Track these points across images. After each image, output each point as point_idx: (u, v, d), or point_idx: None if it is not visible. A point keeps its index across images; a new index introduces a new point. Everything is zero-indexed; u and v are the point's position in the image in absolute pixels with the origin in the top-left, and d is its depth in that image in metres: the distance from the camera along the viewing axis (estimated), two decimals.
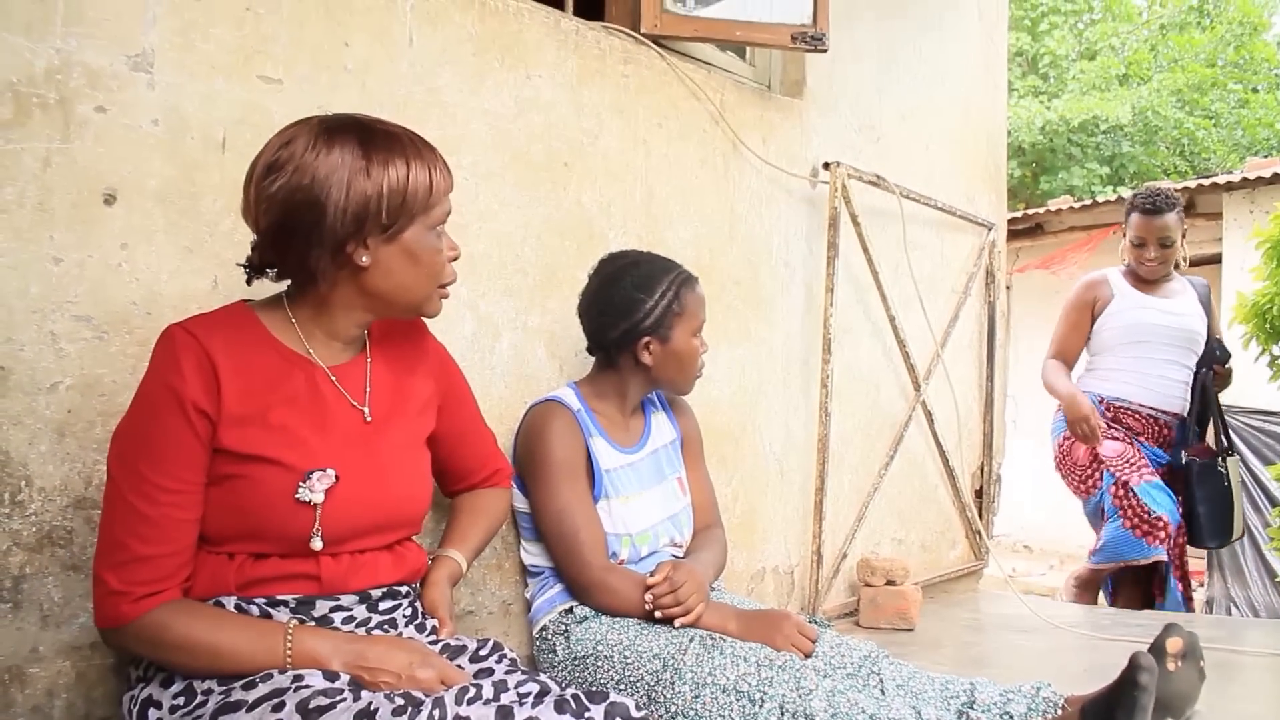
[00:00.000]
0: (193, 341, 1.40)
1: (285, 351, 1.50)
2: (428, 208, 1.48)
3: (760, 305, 2.99)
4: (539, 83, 2.35)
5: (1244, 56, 16.79)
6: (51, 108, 1.58)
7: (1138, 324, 3.88)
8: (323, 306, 1.52)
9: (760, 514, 2.98)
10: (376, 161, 1.42)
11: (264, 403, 1.44)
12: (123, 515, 1.37)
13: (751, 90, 2.99)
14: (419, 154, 1.48)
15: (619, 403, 2.25)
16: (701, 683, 1.78)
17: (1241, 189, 8.04)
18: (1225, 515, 3.70)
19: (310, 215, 1.40)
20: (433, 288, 1.54)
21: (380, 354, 1.64)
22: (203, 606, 1.41)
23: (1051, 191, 14.35)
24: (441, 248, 1.53)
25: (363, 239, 1.44)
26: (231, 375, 1.41)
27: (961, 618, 3.39)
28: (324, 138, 1.42)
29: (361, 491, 1.50)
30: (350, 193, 1.40)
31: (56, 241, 1.59)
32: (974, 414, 4.01)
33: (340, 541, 1.48)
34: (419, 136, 1.52)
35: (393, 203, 1.43)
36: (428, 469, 1.69)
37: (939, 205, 3.61)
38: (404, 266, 1.49)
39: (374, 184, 1.41)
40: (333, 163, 1.40)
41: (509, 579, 2.26)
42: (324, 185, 1.39)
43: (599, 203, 2.49)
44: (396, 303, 1.53)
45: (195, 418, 1.38)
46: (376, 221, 1.43)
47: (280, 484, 1.42)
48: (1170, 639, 1.79)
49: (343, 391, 1.54)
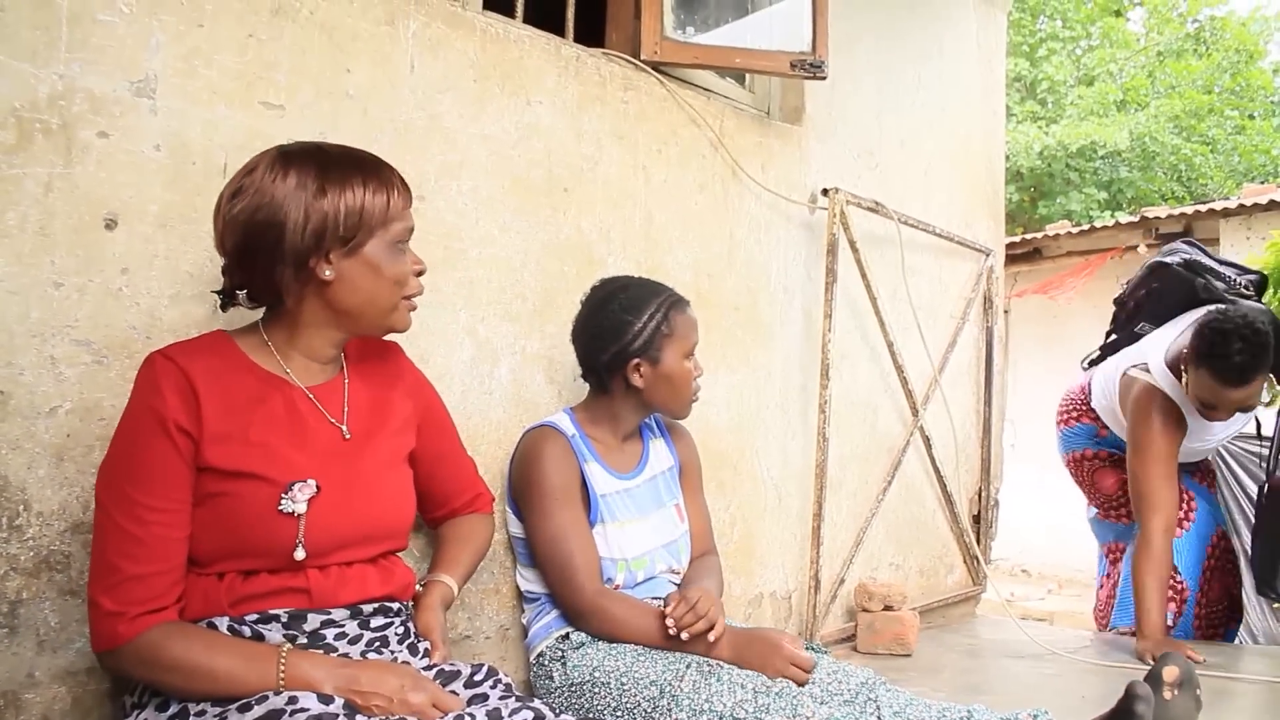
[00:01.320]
0: (171, 366, 1.44)
1: (263, 374, 1.55)
2: (385, 223, 1.53)
3: (759, 330, 2.99)
4: (539, 109, 2.36)
5: (1240, 83, 16.89)
6: (54, 133, 1.59)
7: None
8: (295, 326, 1.57)
9: (758, 539, 2.98)
10: (332, 184, 1.48)
11: (244, 421, 1.48)
12: (113, 538, 1.40)
13: (751, 117, 3.01)
14: (376, 175, 1.54)
15: (613, 428, 2.25)
16: (698, 709, 1.78)
17: (1238, 215, 8.08)
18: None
19: (271, 234, 1.46)
20: (397, 299, 1.58)
21: (357, 374, 1.68)
22: (197, 629, 1.43)
23: (1049, 216, 14.40)
24: (405, 261, 1.57)
25: (324, 253, 1.49)
26: (211, 396, 1.45)
27: (959, 643, 3.38)
28: (282, 164, 1.49)
29: (343, 502, 1.52)
30: (308, 212, 1.46)
31: (57, 266, 1.60)
32: (972, 439, 4.01)
33: (325, 553, 1.50)
34: (378, 159, 1.58)
35: (350, 220, 1.49)
36: (409, 485, 1.71)
37: (937, 231, 3.62)
38: (366, 279, 1.53)
39: (330, 203, 1.47)
40: (289, 186, 1.47)
41: (506, 604, 2.26)
42: (282, 206, 1.46)
43: (598, 228, 2.50)
44: (363, 316, 1.57)
45: (178, 436, 1.42)
46: (335, 236, 1.48)
47: (263, 497, 1.45)
48: (1167, 667, 1.79)
49: (321, 410, 1.58)
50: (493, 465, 2.24)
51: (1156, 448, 3.12)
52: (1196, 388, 3.01)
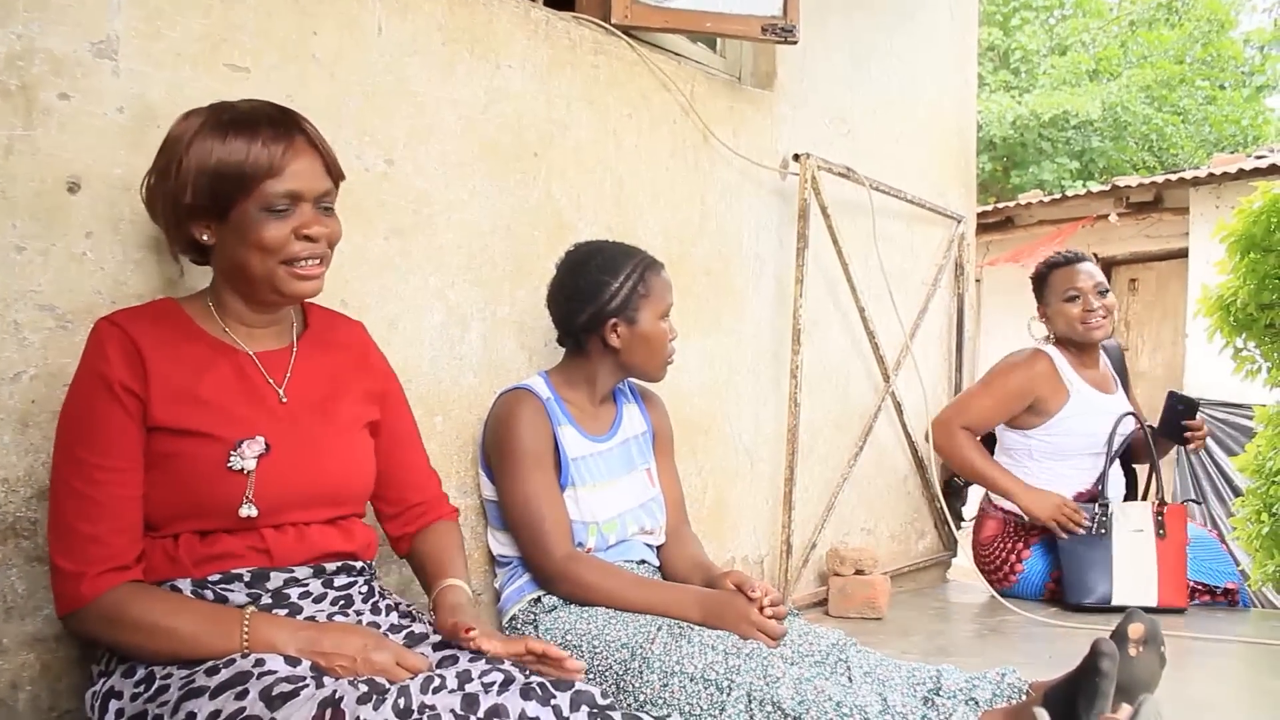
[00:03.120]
0: (116, 330, 1.45)
1: (210, 340, 1.55)
2: (250, 185, 1.46)
3: (730, 296, 3.00)
4: (509, 73, 2.34)
5: (1212, 54, 16.95)
6: (13, 94, 1.57)
7: (1097, 432, 3.39)
8: (217, 289, 1.58)
9: (730, 504, 2.99)
10: (195, 146, 1.46)
11: (192, 382, 1.48)
12: (68, 501, 1.41)
13: (722, 82, 3.00)
14: (247, 130, 1.47)
15: (589, 391, 2.25)
16: (670, 671, 1.79)
17: (1208, 184, 8.14)
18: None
19: (159, 191, 1.51)
20: (273, 266, 1.50)
21: (314, 344, 1.66)
22: (160, 590, 1.44)
23: (1022, 186, 14.44)
24: (282, 226, 1.48)
25: (202, 220, 1.49)
26: (157, 359, 1.45)
27: (930, 607, 3.42)
28: (187, 118, 1.51)
29: (293, 460, 1.52)
30: (178, 174, 1.47)
31: (19, 230, 1.58)
32: (943, 405, 4.03)
33: (276, 510, 1.50)
34: (265, 112, 1.52)
35: (200, 183, 1.46)
36: (368, 452, 1.67)
37: (909, 198, 3.63)
38: (235, 244, 1.50)
39: (187, 166, 1.46)
40: (171, 146, 1.49)
41: (478, 569, 2.26)
42: (166, 165, 1.48)
43: (569, 193, 2.50)
44: (245, 281, 1.53)
45: (125, 397, 1.42)
46: (202, 202, 1.47)
47: (212, 455, 1.45)
48: (1132, 625, 1.80)
49: (263, 371, 1.57)
50: (464, 430, 2.24)
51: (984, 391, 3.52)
52: (1058, 295, 3.47)
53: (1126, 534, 3.24)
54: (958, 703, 1.73)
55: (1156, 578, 3.19)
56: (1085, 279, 3.45)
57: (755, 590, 1.95)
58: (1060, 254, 3.59)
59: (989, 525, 3.60)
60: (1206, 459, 5.77)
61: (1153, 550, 3.21)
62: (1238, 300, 3.72)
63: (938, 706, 1.70)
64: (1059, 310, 3.49)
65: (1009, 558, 3.48)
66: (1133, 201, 8.75)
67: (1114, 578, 3.20)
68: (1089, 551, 3.24)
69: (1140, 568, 3.20)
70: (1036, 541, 3.45)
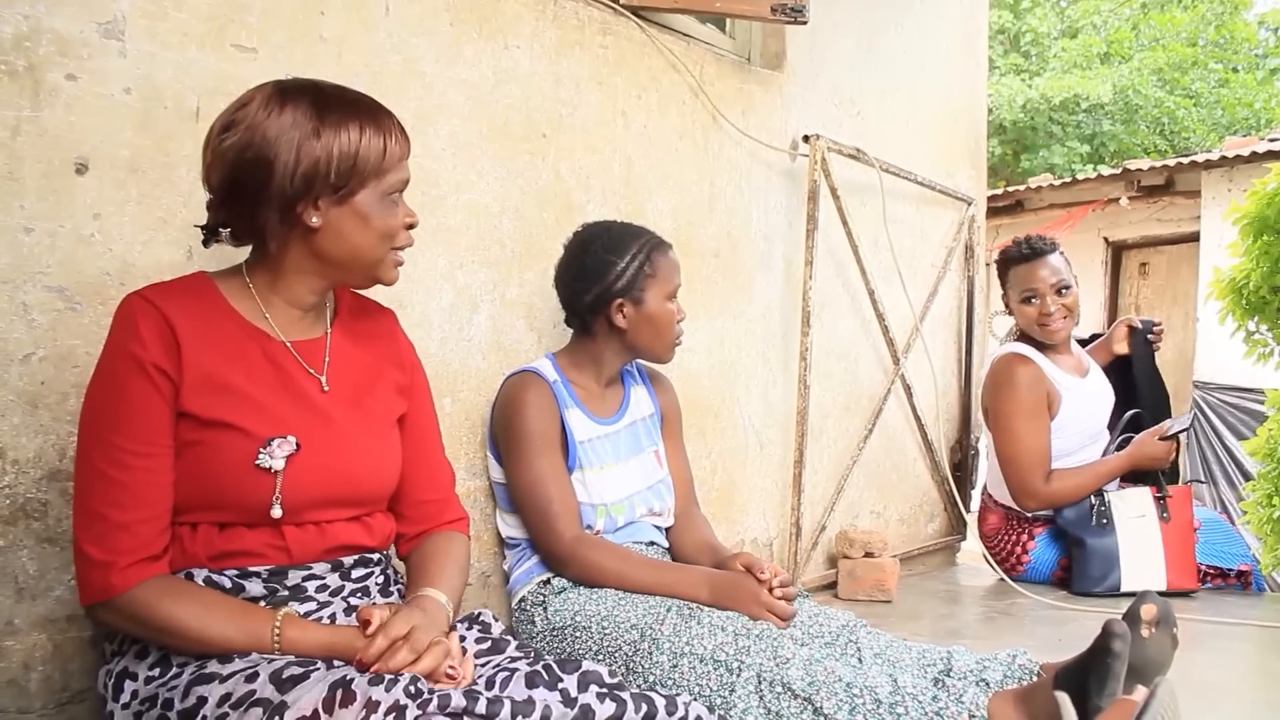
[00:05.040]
0: (150, 308, 1.39)
1: (243, 323, 1.49)
2: (380, 173, 1.47)
3: (739, 278, 2.99)
4: (517, 53, 2.33)
5: (1224, 36, 16.84)
6: (20, 75, 1.56)
7: (1093, 424, 3.45)
8: (278, 271, 1.51)
9: (739, 487, 2.99)
10: (329, 125, 1.42)
11: (224, 369, 1.43)
12: (97, 486, 1.36)
13: (731, 63, 2.98)
14: (374, 119, 1.47)
15: (596, 372, 2.25)
16: (679, 652, 1.79)
17: (1220, 167, 8.09)
18: None
19: (259, 173, 1.40)
20: (385, 252, 1.52)
21: (346, 333, 1.62)
22: (189, 587, 1.40)
23: (1032, 170, 14.38)
24: (397, 214, 1.51)
25: (313, 199, 1.43)
26: (190, 340, 1.40)
27: (939, 590, 3.41)
28: (278, 99, 1.42)
29: (323, 460, 1.47)
30: (300, 153, 1.40)
31: (27, 211, 1.58)
32: (953, 388, 4.03)
33: (301, 510, 1.46)
34: (377, 103, 1.51)
35: (343, 165, 1.42)
36: (395, 447, 1.63)
37: (919, 179, 3.61)
38: (355, 229, 1.47)
39: (324, 146, 1.41)
40: (283, 124, 1.40)
41: (487, 551, 2.26)
42: (273, 145, 1.39)
43: (577, 174, 2.49)
44: (349, 266, 1.51)
45: (158, 378, 1.37)
46: (326, 182, 1.42)
47: (240, 450, 1.41)
48: (1145, 606, 1.80)
49: (301, 362, 1.52)
50: (473, 412, 2.24)
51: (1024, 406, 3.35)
52: (1015, 293, 3.43)
53: (1128, 520, 3.23)
54: (968, 684, 1.72)
55: (1164, 562, 3.19)
56: (1043, 279, 3.37)
57: (764, 571, 1.95)
58: (1020, 246, 3.45)
59: (990, 519, 3.59)
60: (1216, 442, 5.75)
61: (1157, 534, 3.21)
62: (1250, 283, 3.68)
63: (948, 688, 1.69)
64: (1018, 310, 3.46)
65: (1014, 549, 3.47)
66: (1144, 185, 8.69)
67: (1121, 565, 3.20)
68: (1096, 542, 3.23)
69: (1146, 553, 3.20)
70: (1041, 531, 3.44)
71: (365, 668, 1.29)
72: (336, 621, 1.49)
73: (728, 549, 2.22)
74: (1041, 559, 3.43)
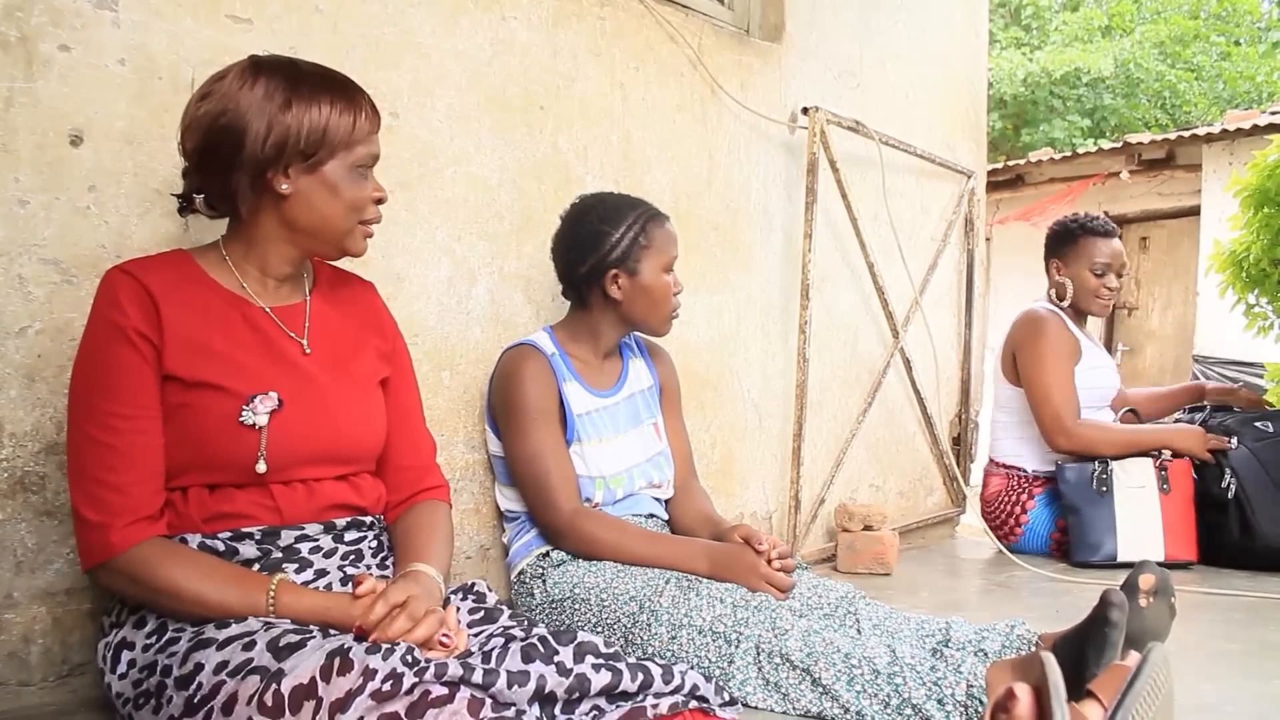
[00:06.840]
0: (128, 278, 1.44)
1: (223, 292, 1.53)
2: (349, 144, 1.52)
3: (739, 251, 2.98)
4: (514, 24, 2.32)
5: (1226, 9, 16.74)
6: (13, 46, 1.55)
7: (1101, 393, 3.52)
8: (251, 241, 1.55)
9: (738, 460, 2.99)
10: (300, 98, 1.48)
11: (204, 333, 1.47)
12: (89, 452, 1.39)
13: (730, 34, 2.96)
14: (345, 95, 1.53)
15: (593, 345, 2.24)
16: (678, 624, 1.80)
17: (1221, 140, 8.07)
18: None
19: (231, 139, 1.45)
20: (353, 224, 1.57)
21: (325, 300, 1.66)
22: (187, 551, 1.42)
23: (1033, 144, 14.33)
24: (365, 187, 1.56)
25: (283, 166, 1.48)
26: (170, 307, 1.44)
27: (938, 563, 3.42)
28: (253, 72, 1.48)
29: (305, 416, 1.51)
30: (271, 123, 1.46)
31: (22, 183, 1.57)
32: (952, 362, 4.02)
33: (287, 467, 1.49)
34: (349, 80, 1.56)
35: (312, 136, 1.48)
36: (379, 408, 1.66)
37: (919, 152, 3.60)
38: (324, 199, 1.52)
39: (294, 117, 1.47)
40: (256, 95, 1.46)
41: (486, 523, 2.27)
42: (246, 114, 1.45)
43: (575, 147, 2.47)
44: (319, 235, 1.56)
45: (140, 342, 1.42)
46: (296, 150, 1.47)
47: (224, 409, 1.45)
48: (1143, 575, 1.80)
49: (281, 326, 1.56)
50: (471, 385, 2.24)
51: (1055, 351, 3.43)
52: (1087, 263, 3.48)
53: (1128, 491, 3.24)
54: (967, 654, 1.73)
55: (1162, 532, 3.20)
56: (1116, 256, 3.51)
57: (763, 543, 1.95)
58: (1097, 221, 3.56)
59: (993, 482, 3.62)
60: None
61: (1156, 505, 3.22)
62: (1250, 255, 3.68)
63: (947, 658, 1.70)
64: (1080, 277, 3.51)
65: (1014, 510, 3.50)
66: (1144, 159, 8.68)
67: (1118, 535, 3.21)
68: (1092, 510, 3.24)
69: (1145, 523, 3.21)
70: (1040, 492, 3.47)
71: (363, 634, 1.31)
72: (333, 590, 1.50)
73: (727, 521, 2.23)
74: (1038, 520, 3.46)
